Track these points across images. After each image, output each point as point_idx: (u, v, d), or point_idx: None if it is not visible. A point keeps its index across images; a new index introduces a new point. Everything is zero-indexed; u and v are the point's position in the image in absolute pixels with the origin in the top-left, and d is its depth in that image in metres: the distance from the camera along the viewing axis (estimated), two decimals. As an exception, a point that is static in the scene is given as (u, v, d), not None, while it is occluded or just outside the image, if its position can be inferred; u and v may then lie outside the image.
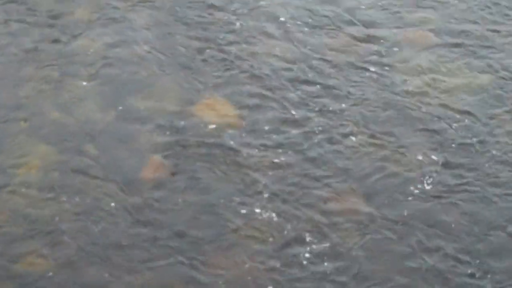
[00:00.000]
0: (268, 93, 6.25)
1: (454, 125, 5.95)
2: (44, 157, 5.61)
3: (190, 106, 6.11)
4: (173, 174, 5.50)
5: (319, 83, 6.34)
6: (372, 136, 5.84)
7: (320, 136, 5.86)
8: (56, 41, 6.67)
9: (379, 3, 7.18)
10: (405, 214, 5.28)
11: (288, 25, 6.93)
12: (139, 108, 6.07)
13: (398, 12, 7.05)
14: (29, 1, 7.12)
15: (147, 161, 5.63)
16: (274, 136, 5.89)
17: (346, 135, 5.86)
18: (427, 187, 5.43)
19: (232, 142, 5.81)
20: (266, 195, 5.39)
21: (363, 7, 7.12)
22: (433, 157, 5.66)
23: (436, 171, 5.54)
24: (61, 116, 5.96)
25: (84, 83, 6.27)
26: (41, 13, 7.00)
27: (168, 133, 5.86)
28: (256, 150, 5.75)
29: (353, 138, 5.82)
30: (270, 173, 5.56)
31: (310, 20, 6.95)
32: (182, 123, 5.95)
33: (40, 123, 5.88)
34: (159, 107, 6.08)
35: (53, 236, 5.08)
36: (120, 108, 6.05)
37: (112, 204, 5.30)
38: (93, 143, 5.75)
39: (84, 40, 6.70)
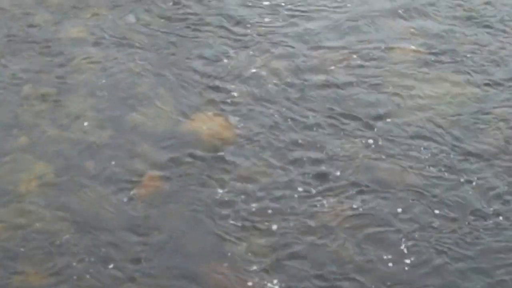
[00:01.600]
0: (265, 108, 6.32)
1: (439, 188, 5.69)
2: (43, 174, 5.66)
3: (186, 121, 6.16)
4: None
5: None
6: (358, 191, 5.65)
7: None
8: (53, 60, 6.73)
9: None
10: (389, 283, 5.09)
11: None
12: (135, 124, 6.12)
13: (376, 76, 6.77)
14: (26, 21, 7.21)
15: (144, 177, 5.67)
16: (271, 153, 5.92)
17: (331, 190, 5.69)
18: (412, 253, 5.23)
19: (228, 157, 5.84)
20: (261, 218, 5.41)
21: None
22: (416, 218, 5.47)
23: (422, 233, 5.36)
24: (59, 134, 6.01)
25: (81, 101, 6.32)
26: (38, 33, 7.09)
27: (165, 148, 5.90)
28: (252, 166, 5.78)
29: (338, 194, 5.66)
30: (267, 191, 5.59)
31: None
32: (179, 138, 6.00)
33: (38, 141, 5.93)
34: (156, 124, 6.13)
35: (51, 252, 5.11)
36: (117, 124, 6.11)
37: (110, 220, 5.33)
38: (91, 160, 5.79)
39: (80, 59, 6.77)
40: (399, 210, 5.47)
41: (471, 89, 6.54)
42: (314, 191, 5.60)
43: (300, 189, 5.63)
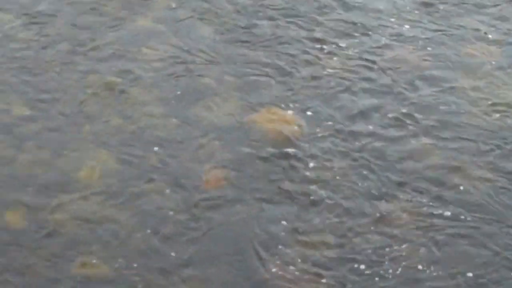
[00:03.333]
0: (331, 104, 6.26)
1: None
2: (105, 162, 5.65)
3: (251, 116, 6.11)
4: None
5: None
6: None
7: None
8: (118, 49, 6.75)
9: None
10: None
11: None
12: (200, 117, 6.09)
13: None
14: (93, 12, 7.25)
15: (207, 171, 5.62)
16: (337, 149, 5.85)
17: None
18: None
19: (293, 154, 5.77)
20: (327, 216, 5.33)
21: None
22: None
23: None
24: (122, 123, 6.00)
25: (146, 91, 6.31)
26: (104, 19, 7.14)
27: (228, 143, 5.85)
28: (317, 163, 5.69)
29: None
30: (333, 188, 5.51)
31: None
32: (243, 133, 5.95)
33: (102, 130, 5.93)
34: (220, 116, 6.09)
35: (112, 240, 5.09)
36: (181, 116, 6.08)
37: (171, 212, 5.30)
38: (154, 151, 5.76)
39: (146, 49, 6.77)
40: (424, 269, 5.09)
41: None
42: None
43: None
